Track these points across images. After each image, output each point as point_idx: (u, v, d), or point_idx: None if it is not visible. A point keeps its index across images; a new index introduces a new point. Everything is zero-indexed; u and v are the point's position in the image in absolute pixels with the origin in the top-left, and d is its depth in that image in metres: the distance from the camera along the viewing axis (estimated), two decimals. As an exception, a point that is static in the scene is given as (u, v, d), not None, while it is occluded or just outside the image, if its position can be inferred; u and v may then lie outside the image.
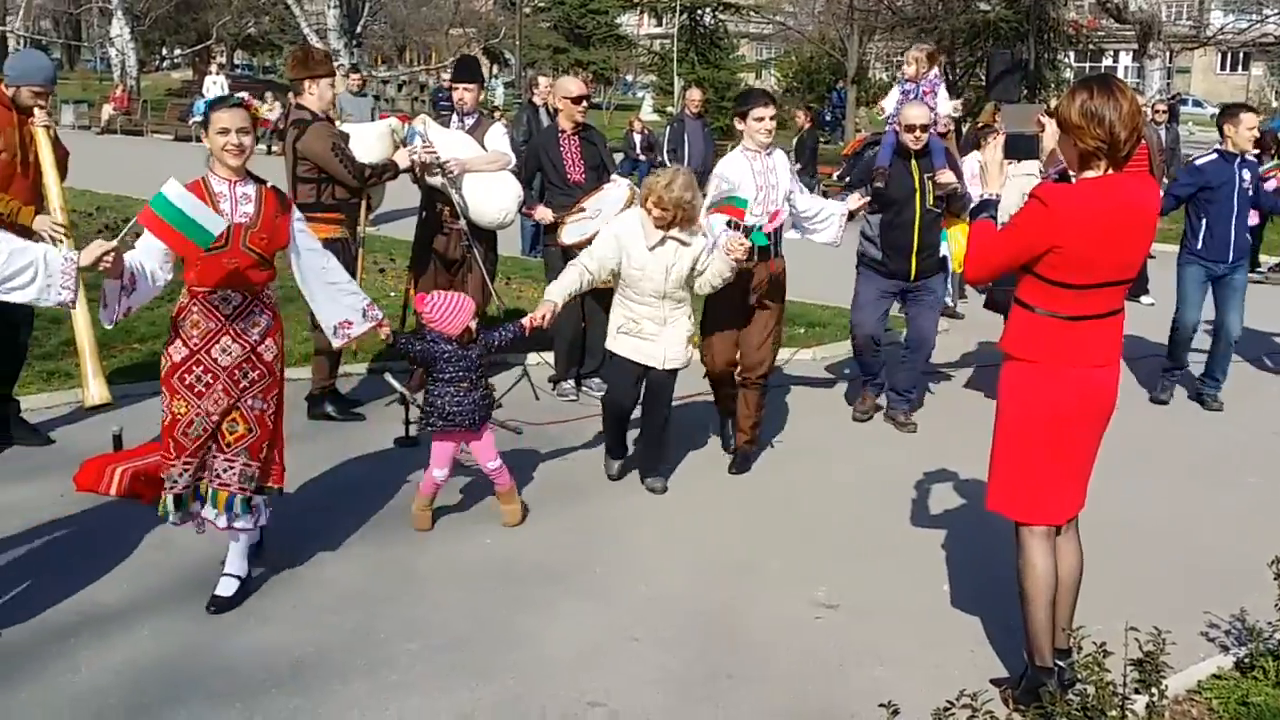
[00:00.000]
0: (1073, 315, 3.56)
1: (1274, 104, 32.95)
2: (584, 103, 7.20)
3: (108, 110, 29.50)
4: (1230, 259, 7.48)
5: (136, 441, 5.83)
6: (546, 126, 9.30)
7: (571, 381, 7.36)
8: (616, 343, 5.73)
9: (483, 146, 6.74)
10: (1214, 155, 7.48)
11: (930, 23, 21.81)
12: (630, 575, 4.88)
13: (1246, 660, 4.07)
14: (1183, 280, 7.70)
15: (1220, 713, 3.82)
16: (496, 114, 18.58)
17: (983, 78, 20.69)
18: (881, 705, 3.19)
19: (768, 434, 6.64)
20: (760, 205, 5.92)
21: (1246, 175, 7.38)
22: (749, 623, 4.49)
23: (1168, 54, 36.94)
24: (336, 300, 4.70)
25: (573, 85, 7.33)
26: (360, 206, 6.70)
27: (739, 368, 6.19)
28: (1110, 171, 3.49)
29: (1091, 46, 29.39)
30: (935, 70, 8.40)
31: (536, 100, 11.62)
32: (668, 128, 14.13)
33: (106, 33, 36.62)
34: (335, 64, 18.46)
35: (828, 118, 16.57)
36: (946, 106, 7.85)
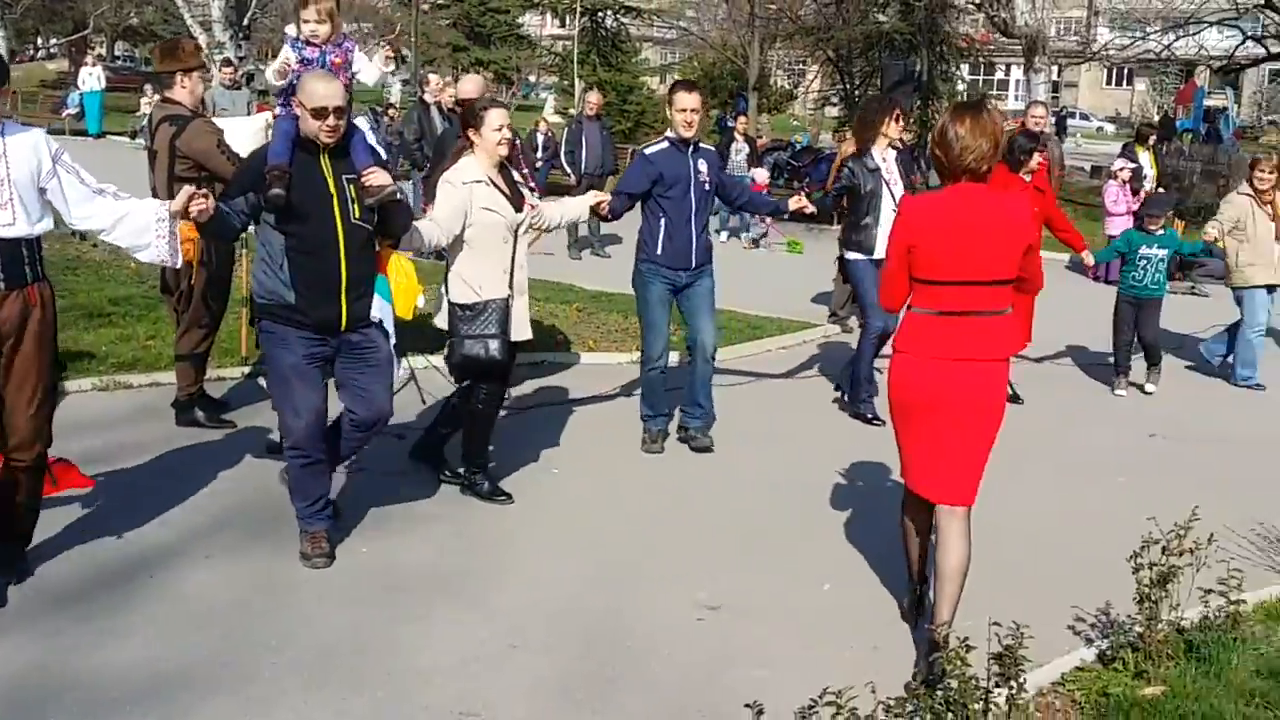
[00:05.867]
0: (935, 310, 3.99)
1: (1157, 117, 34.02)
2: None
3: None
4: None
5: None
6: (448, 129, 9.20)
7: None
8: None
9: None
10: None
11: (827, 32, 22.13)
12: (513, 581, 4.82)
13: (1108, 652, 4.18)
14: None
15: (1083, 703, 3.91)
16: (391, 111, 18.37)
17: (878, 87, 21.07)
18: (747, 705, 3.18)
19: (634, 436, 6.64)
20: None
21: None
22: (631, 626, 4.46)
23: (1055, 68, 38.08)
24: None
25: (469, 86, 7.27)
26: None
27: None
28: (966, 181, 3.91)
29: (982, 59, 30.13)
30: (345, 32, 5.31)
31: (428, 98, 11.50)
32: (566, 129, 14.12)
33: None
34: (220, 57, 18.12)
35: (730, 123, 16.66)
36: (372, 74, 5.26)
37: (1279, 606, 4.70)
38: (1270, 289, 8.42)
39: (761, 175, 15.41)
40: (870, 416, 7.20)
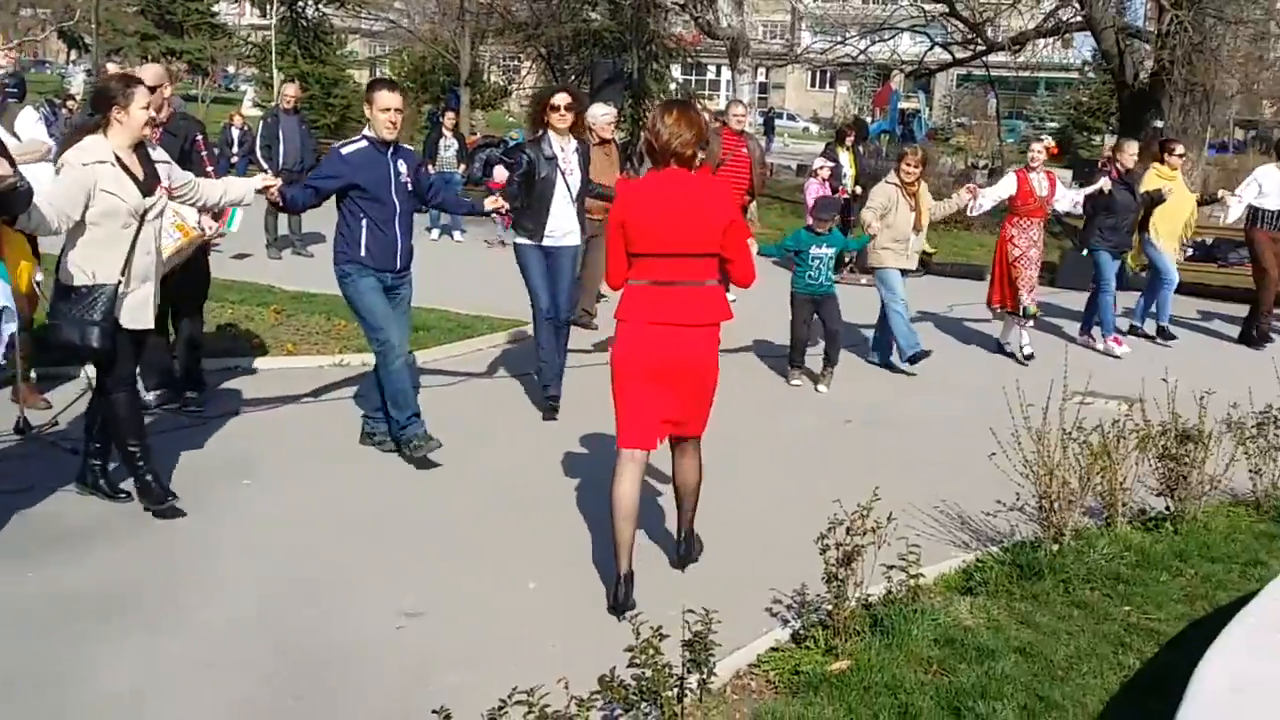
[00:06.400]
0: (648, 280, 4.47)
1: (801, 127, 36.24)
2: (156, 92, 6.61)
3: None
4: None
5: None
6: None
7: None
8: None
9: (14, 136, 6.03)
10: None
11: (538, 28, 22.17)
12: (206, 598, 4.52)
13: (801, 631, 4.31)
14: None
15: (777, 683, 4.01)
16: (71, 103, 17.03)
17: (590, 85, 21.28)
18: (434, 712, 3.07)
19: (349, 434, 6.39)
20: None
21: None
22: (330, 638, 4.27)
23: (763, 70, 39.85)
24: None
25: (149, 74, 6.73)
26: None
27: None
28: (674, 166, 4.44)
29: (692, 59, 31.06)
30: None
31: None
32: (261, 123, 13.46)
33: None
34: None
35: (441, 119, 16.39)
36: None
37: (957, 578, 5.01)
38: (903, 273, 9.04)
39: (500, 173, 15.15)
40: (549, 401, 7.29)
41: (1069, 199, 9.99)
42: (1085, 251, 10.60)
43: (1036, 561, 4.97)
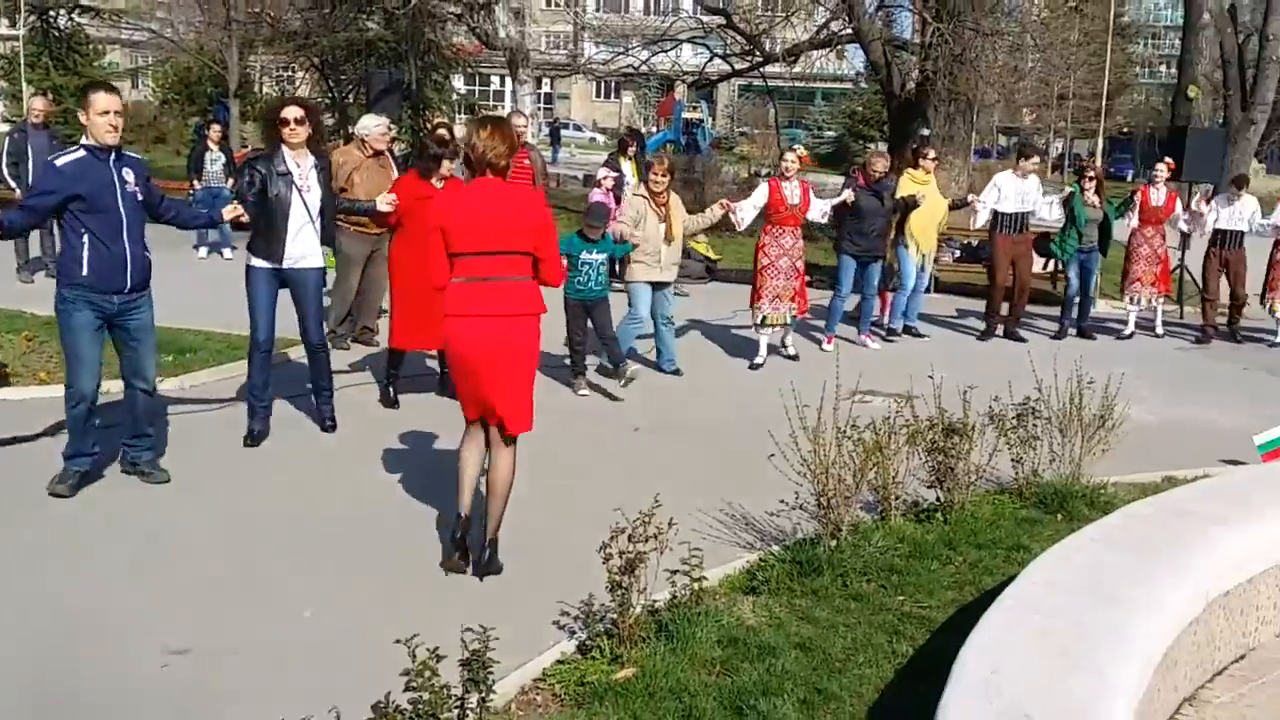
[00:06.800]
0: (468, 278, 4.90)
1: (643, 128, 36.68)
2: None
3: None
4: None
5: None
6: None
7: None
8: None
9: None
10: None
11: (309, 39, 21.50)
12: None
13: (588, 642, 4.28)
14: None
15: (563, 696, 3.96)
16: None
17: (365, 96, 20.77)
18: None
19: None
20: None
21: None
22: (89, 682, 4.00)
23: (548, 80, 39.86)
24: None
25: None
26: None
27: None
28: (489, 174, 4.92)
29: (474, 70, 30.81)
30: None
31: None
32: (7, 139, 12.55)
33: None
34: None
35: (206, 132, 15.64)
36: None
37: (741, 578, 5.08)
38: (655, 286, 9.05)
39: None
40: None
41: (819, 209, 10.10)
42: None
43: (816, 558, 5.08)
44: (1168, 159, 12.65)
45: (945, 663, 3.44)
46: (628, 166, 14.92)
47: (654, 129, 33.53)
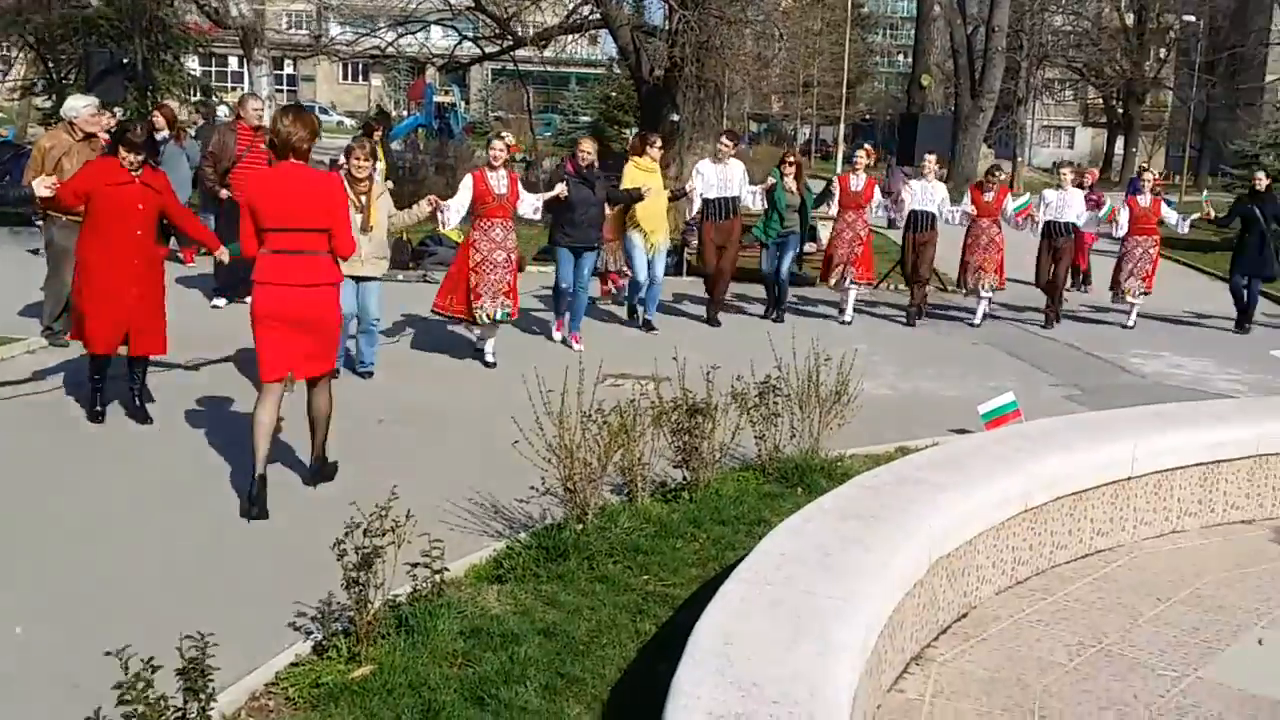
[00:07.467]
0: (274, 250, 5.56)
1: (394, 112, 35.74)
2: None
3: None
4: None
5: None
6: None
7: None
8: None
9: None
10: None
11: (20, 15, 19.84)
12: None
13: (323, 642, 4.12)
14: None
15: (296, 699, 3.80)
16: None
17: (85, 76, 19.37)
18: None
19: None
20: None
21: None
22: None
23: (294, 61, 38.20)
24: None
25: None
26: None
27: None
28: (292, 159, 5.58)
29: (204, 50, 29.21)
30: None
31: None
32: None
33: None
34: None
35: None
36: None
37: (488, 567, 5.00)
38: (357, 280, 8.11)
39: None
40: None
41: (530, 204, 9.49)
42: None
43: (562, 542, 5.07)
44: (868, 145, 13.36)
45: (686, 639, 3.48)
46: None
47: (405, 113, 32.75)
